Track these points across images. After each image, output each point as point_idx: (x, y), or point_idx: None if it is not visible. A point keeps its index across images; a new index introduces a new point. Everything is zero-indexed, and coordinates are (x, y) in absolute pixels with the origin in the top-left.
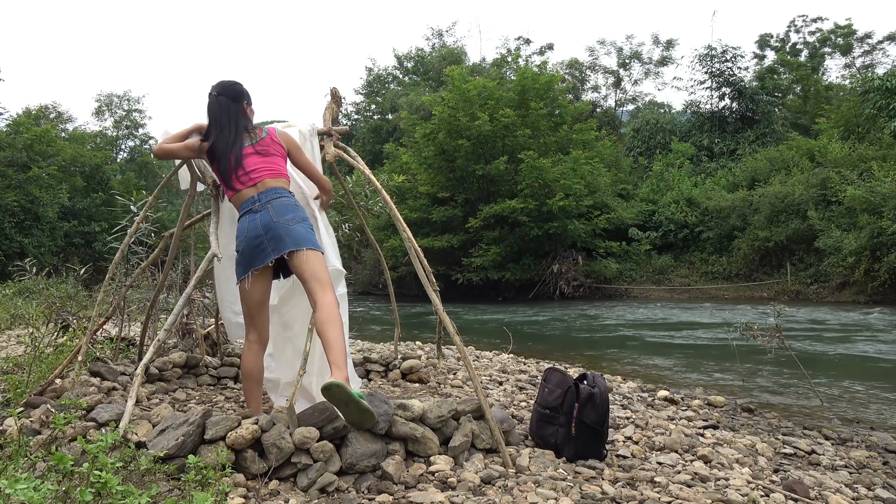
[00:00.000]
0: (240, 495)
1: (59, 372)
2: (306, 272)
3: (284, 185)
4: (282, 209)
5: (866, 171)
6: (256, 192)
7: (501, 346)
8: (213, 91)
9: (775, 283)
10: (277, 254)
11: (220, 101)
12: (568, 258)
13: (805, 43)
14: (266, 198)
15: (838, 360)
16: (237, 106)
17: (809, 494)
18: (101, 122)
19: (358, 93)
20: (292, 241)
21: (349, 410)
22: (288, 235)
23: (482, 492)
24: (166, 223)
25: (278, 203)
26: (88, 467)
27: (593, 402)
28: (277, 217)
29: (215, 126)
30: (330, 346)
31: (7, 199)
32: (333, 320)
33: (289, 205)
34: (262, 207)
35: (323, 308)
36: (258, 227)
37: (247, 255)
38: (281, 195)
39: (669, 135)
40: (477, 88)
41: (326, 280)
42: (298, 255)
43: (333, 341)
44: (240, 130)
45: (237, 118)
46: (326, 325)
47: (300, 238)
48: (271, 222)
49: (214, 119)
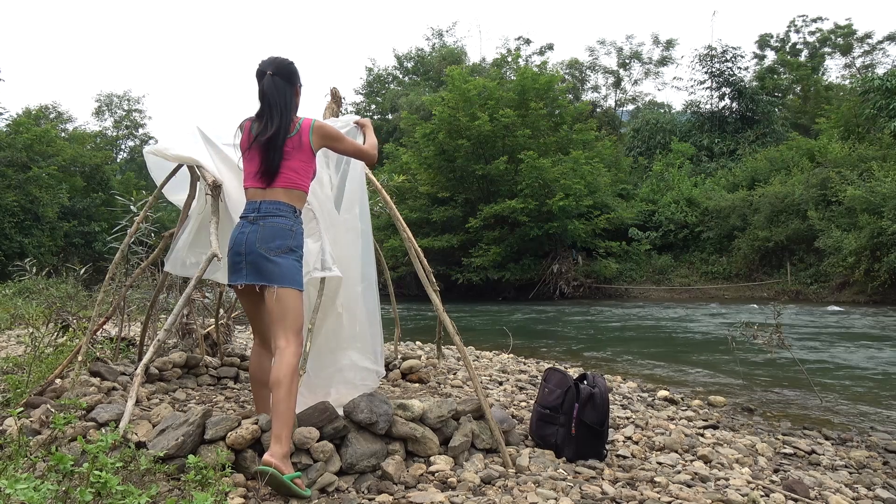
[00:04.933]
0: (240, 495)
1: (59, 372)
2: (273, 313)
3: (292, 200)
4: (272, 233)
5: (866, 171)
6: (261, 199)
7: (501, 346)
8: (268, 69)
9: (775, 283)
10: (249, 282)
11: (276, 83)
12: (568, 258)
13: (805, 43)
14: (266, 210)
15: (838, 360)
16: (291, 90)
17: (809, 494)
18: (101, 122)
19: (358, 93)
20: (267, 275)
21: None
22: (265, 267)
23: (482, 492)
24: (166, 223)
25: (272, 223)
26: (88, 467)
27: (593, 402)
28: (262, 242)
29: (275, 112)
30: (275, 412)
31: (7, 199)
32: (286, 381)
33: (281, 228)
34: (256, 221)
35: (280, 364)
36: (243, 244)
37: (229, 265)
38: (280, 212)
39: (669, 135)
40: (477, 88)
41: (294, 326)
42: (269, 292)
43: (279, 407)
44: (289, 123)
45: (291, 107)
46: (278, 387)
47: (276, 274)
48: (254, 246)
49: (273, 104)
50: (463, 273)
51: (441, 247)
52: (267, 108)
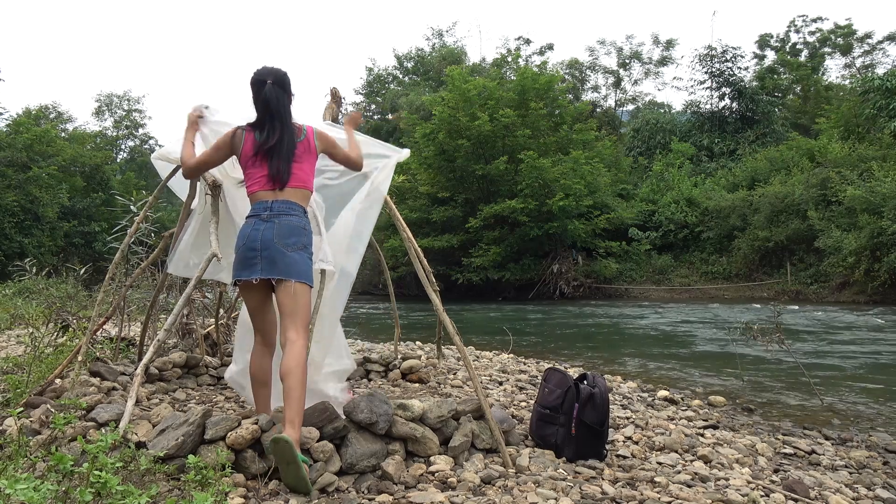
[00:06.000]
0: (240, 495)
1: (59, 372)
2: (287, 306)
3: (302, 200)
4: (287, 230)
5: (866, 171)
6: (273, 199)
7: (501, 346)
8: (267, 78)
9: (775, 283)
10: (265, 276)
11: (276, 92)
12: (568, 258)
13: (805, 43)
14: (278, 209)
15: (838, 360)
16: (289, 99)
17: (809, 494)
18: (101, 122)
19: (358, 93)
20: (283, 269)
21: (289, 470)
22: (282, 261)
23: (482, 492)
24: (166, 223)
25: (287, 221)
26: (88, 467)
27: (593, 402)
28: (280, 238)
29: (276, 120)
30: (288, 399)
31: (7, 199)
32: (298, 371)
33: (296, 226)
34: (270, 219)
35: (291, 354)
36: (258, 240)
37: (239, 262)
38: (292, 212)
39: (669, 135)
40: (477, 88)
41: (304, 321)
42: (285, 286)
43: (292, 394)
44: (293, 130)
45: (289, 114)
46: (289, 376)
47: (293, 268)
48: (271, 241)
49: (274, 112)
50: (463, 273)
51: (441, 247)
52: (269, 116)
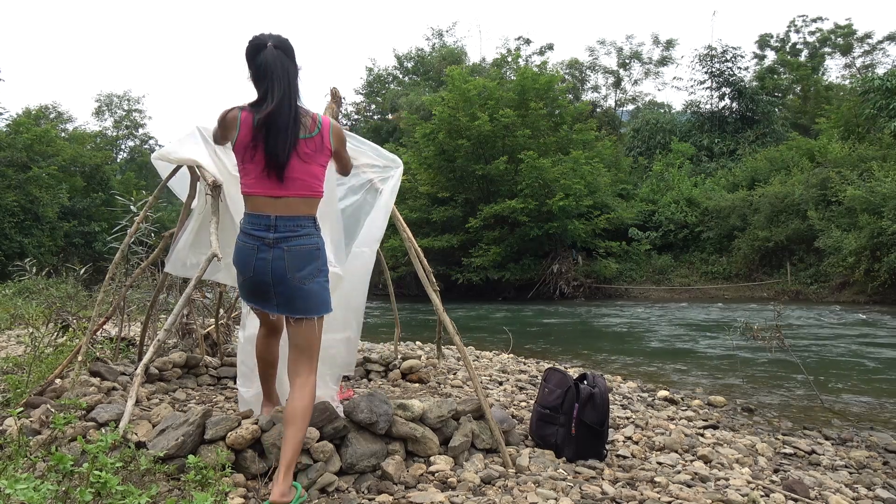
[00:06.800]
0: (240, 495)
1: (59, 372)
2: (301, 342)
3: (310, 209)
4: (300, 260)
5: (866, 171)
6: (275, 214)
7: (501, 346)
8: (266, 41)
9: (775, 283)
10: (282, 313)
11: (278, 56)
12: (568, 258)
13: (805, 43)
14: (284, 228)
15: (838, 360)
16: (295, 69)
17: (809, 494)
18: (101, 122)
19: (358, 93)
20: (302, 307)
21: None
22: (300, 297)
23: (482, 492)
24: (166, 223)
25: (297, 246)
26: (88, 467)
27: (593, 402)
28: (293, 271)
29: (276, 88)
30: (286, 446)
31: (7, 199)
32: (302, 418)
33: (309, 251)
34: (276, 244)
35: (300, 396)
36: (268, 273)
37: (249, 288)
38: (302, 230)
39: (669, 135)
40: (477, 88)
41: (316, 354)
42: (305, 323)
43: (292, 440)
44: (299, 111)
45: (297, 89)
46: (292, 424)
47: (311, 304)
48: (284, 276)
49: (276, 79)
50: (463, 273)
51: (441, 247)
52: (269, 84)
